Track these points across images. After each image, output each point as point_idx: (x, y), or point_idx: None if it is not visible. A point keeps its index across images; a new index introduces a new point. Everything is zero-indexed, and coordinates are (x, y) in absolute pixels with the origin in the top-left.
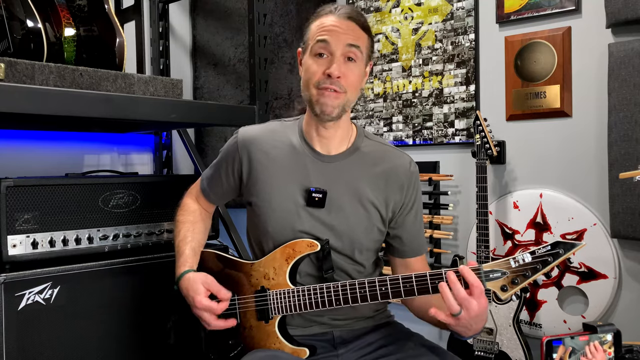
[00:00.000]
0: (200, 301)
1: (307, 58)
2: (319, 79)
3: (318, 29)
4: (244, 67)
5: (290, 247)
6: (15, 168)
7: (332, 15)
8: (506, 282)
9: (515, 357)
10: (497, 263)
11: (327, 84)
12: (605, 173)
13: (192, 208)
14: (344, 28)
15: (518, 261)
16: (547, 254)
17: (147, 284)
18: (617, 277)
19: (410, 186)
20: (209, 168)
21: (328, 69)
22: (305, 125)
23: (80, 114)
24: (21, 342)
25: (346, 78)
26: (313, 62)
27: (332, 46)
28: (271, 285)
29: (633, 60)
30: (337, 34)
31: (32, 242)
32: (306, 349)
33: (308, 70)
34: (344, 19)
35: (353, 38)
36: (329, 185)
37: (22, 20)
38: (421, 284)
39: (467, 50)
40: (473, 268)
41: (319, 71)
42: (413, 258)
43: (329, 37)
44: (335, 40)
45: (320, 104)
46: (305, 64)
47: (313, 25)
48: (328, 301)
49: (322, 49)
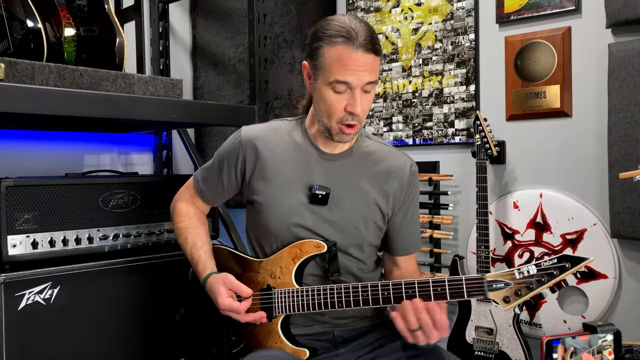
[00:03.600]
0: (223, 302)
1: (325, 88)
2: (341, 115)
3: (337, 65)
4: (244, 67)
5: (297, 247)
6: (15, 168)
7: (350, 49)
8: (509, 294)
9: (515, 357)
10: (501, 273)
11: (349, 120)
12: (605, 173)
13: (190, 212)
14: (365, 67)
15: (523, 273)
16: (552, 267)
17: (147, 284)
18: (617, 277)
19: (410, 186)
20: (203, 169)
21: (350, 106)
22: (308, 125)
23: (80, 114)
24: (21, 342)
25: (364, 110)
26: (333, 96)
27: (353, 85)
28: (277, 284)
29: (633, 60)
30: (358, 74)
31: (32, 242)
32: (306, 350)
33: (329, 104)
34: (364, 53)
35: (371, 75)
36: (332, 183)
37: (22, 20)
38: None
39: (467, 50)
40: (476, 277)
41: (340, 107)
42: (403, 256)
43: (351, 80)
44: (356, 81)
45: (339, 137)
46: (321, 92)
47: (329, 54)
48: (331, 303)
49: (342, 86)
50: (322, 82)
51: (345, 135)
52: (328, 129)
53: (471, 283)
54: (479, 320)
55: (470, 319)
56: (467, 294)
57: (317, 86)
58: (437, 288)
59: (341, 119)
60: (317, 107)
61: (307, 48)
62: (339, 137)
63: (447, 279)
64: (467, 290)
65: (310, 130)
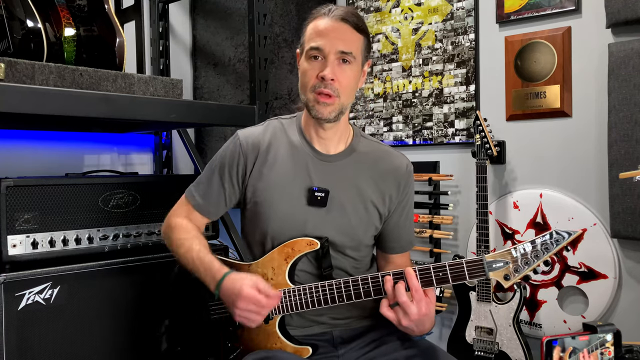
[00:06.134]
0: (248, 291)
1: (303, 61)
2: (314, 82)
3: (312, 33)
4: (244, 67)
5: (289, 247)
6: (15, 168)
7: (325, 18)
8: (508, 272)
9: (515, 357)
10: (499, 253)
11: (322, 87)
12: (605, 173)
13: (188, 226)
14: (336, 32)
15: (519, 250)
16: (546, 242)
17: (147, 284)
18: (617, 277)
19: (406, 186)
20: (197, 184)
21: (322, 71)
22: (304, 124)
23: (80, 114)
24: (21, 342)
25: (340, 82)
26: (307, 65)
27: (325, 51)
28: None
29: (633, 60)
30: (329, 38)
31: (32, 242)
32: (309, 347)
33: (304, 73)
34: (337, 21)
35: (345, 44)
36: (330, 184)
37: (22, 20)
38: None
39: (467, 50)
40: (475, 259)
41: (313, 75)
42: (398, 254)
43: (322, 43)
44: (327, 45)
45: (316, 109)
46: (301, 67)
47: (308, 28)
48: (329, 299)
49: (315, 52)
50: (303, 58)
51: (320, 106)
52: (306, 103)
53: (472, 265)
54: (479, 320)
55: (470, 319)
56: (469, 275)
57: (300, 65)
58: (438, 273)
59: (314, 87)
60: (299, 87)
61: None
62: (315, 111)
63: (448, 263)
64: (469, 272)
65: (306, 128)
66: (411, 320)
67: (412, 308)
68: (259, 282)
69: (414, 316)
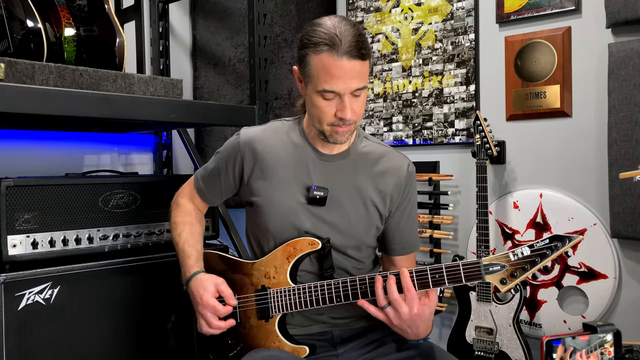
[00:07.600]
0: (208, 299)
1: (313, 94)
2: (332, 120)
3: (323, 74)
4: (244, 67)
5: (291, 246)
6: (15, 168)
7: (334, 56)
8: (505, 275)
9: (515, 357)
10: (497, 256)
11: (340, 124)
12: (605, 173)
13: (188, 209)
14: (350, 73)
15: (517, 254)
16: (545, 247)
17: (147, 284)
18: (617, 277)
19: (408, 186)
20: (203, 169)
21: (340, 112)
22: (306, 126)
23: (80, 114)
24: (21, 342)
25: (355, 113)
26: (322, 102)
27: (341, 92)
28: (272, 284)
29: (633, 60)
30: (344, 81)
31: (32, 242)
32: (306, 347)
33: (318, 109)
34: (348, 60)
35: (359, 81)
36: (330, 184)
37: (22, 20)
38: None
39: (467, 50)
40: (472, 261)
41: (330, 113)
42: (401, 256)
43: (337, 88)
44: (343, 88)
45: (334, 138)
46: (311, 99)
47: (315, 63)
48: (329, 298)
49: (330, 95)
50: (311, 89)
51: (339, 135)
52: (322, 132)
53: (468, 268)
54: (479, 320)
55: (470, 319)
56: (465, 278)
57: (308, 92)
58: (435, 275)
59: (332, 123)
60: (309, 111)
61: (297, 54)
62: (333, 139)
63: (445, 265)
64: (465, 274)
65: (308, 131)
66: (402, 320)
67: (404, 307)
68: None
69: (405, 315)
